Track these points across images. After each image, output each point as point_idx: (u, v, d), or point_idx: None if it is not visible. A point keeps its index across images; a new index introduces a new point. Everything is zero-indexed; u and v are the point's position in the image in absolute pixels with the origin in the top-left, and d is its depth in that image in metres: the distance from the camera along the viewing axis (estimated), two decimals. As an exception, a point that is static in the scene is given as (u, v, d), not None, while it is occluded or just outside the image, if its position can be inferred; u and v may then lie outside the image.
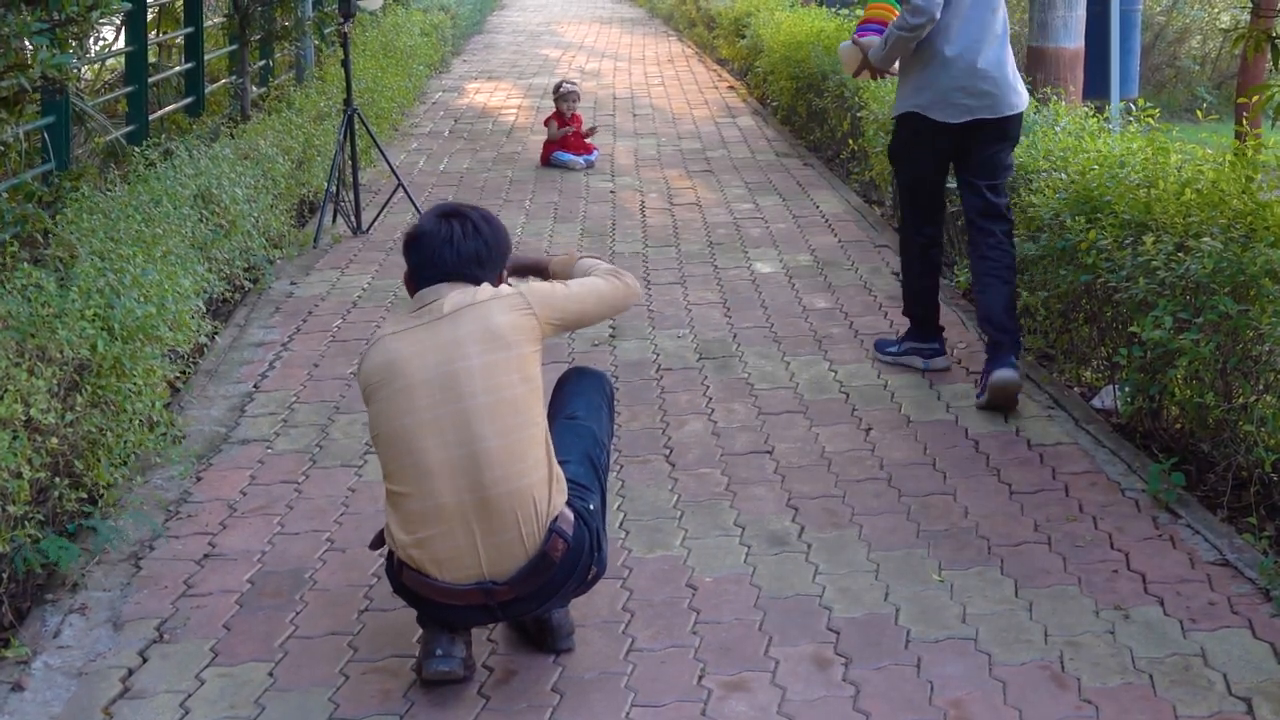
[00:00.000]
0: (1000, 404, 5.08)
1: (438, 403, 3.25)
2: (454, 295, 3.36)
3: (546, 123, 10.16)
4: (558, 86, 10.19)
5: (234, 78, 9.15)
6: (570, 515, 3.33)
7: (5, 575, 3.62)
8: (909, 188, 5.51)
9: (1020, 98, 5.24)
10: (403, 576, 3.32)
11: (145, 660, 3.50)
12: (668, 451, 4.80)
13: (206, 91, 9.25)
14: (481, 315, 3.32)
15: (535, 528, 3.26)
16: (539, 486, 3.27)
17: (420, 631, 3.45)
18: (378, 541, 3.46)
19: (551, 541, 3.27)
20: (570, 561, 3.32)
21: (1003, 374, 5.02)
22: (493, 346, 3.29)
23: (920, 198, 5.46)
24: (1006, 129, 5.27)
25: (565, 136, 9.96)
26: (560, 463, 3.38)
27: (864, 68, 5.62)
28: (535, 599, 3.34)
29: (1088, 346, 5.23)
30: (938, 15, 5.10)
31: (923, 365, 5.58)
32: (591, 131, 10.24)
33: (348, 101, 7.78)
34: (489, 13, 23.09)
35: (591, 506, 3.43)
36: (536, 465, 3.27)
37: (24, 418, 3.69)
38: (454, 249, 3.40)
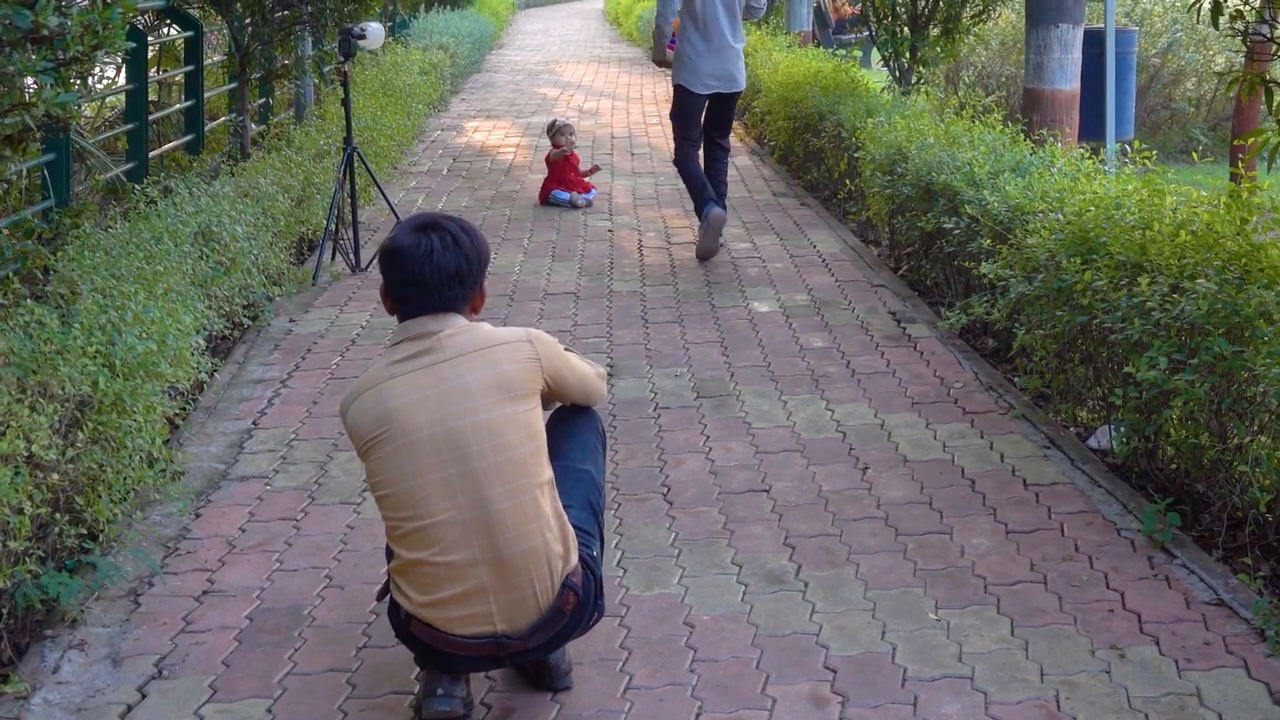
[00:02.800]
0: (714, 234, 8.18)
1: (445, 463, 3.20)
2: (449, 331, 3.28)
3: (548, 160, 10.20)
4: (551, 124, 10.26)
5: (234, 116, 9.20)
6: (579, 568, 3.33)
7: (5, 611, 3.63)
8: (679, 122, 8.46)
9: (742, 79, 8.39)
10: (412, 628, 3.29)
11: (144, 696, 3.50)
12: (665, 490, 4.81)
13: (206, 129, 9.31)
14: (490, 362, 3.27)
15: (549, 584, 3.25)
16: (552, 544, 3.26)
17: (418, 669, 3.46)
18: (384, 592, 3.42)
19: (564, 596, 3.28)
20: (579, 611, 3.34)
21: (716, 212, 8.13)
22: (502, 399, 3.25)
23: (686, 129, 8.41)
24: (733, 99, 8.47)
25: (564, 173, 10.01)
26: (563, 507, 3.37)
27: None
28: (544, 647, 3.35)
29: (1083, 386, 5.25)
30: (666, 12, 8.45)
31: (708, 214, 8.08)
32: (593, 170, 10.29)
33: (347, 140, 7.83)
34: (487, 52, 23.20)
35: (595, 553, 3.43)
36: (548, 522, 3.26)
37: (26, 454, 3.70)
38: (433, 264, 3.25)
